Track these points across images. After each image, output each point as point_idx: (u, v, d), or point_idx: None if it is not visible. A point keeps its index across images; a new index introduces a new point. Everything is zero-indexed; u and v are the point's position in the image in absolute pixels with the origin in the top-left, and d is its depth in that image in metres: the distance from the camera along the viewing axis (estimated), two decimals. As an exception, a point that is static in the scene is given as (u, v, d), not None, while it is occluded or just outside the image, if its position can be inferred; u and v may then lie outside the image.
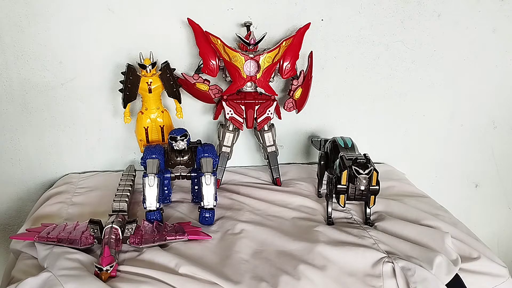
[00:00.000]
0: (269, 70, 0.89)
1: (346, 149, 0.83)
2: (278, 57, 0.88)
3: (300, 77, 0.93)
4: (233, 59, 0.86)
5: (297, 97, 0.95)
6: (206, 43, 0.87)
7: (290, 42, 0.88)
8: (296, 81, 0.94)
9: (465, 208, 1.21)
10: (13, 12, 0.87)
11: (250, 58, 0.87)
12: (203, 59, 0.88)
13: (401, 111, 1.12)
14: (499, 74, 1.13)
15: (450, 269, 0.67)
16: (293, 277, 0.66)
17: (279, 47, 0.88)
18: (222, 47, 0.86)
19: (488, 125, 1.19)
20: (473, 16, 1.05)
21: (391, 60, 1.05)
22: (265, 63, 0.87)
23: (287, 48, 0.89)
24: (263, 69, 0.88)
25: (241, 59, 0.86)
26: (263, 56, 0.87)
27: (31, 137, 0.98)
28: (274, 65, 0.89)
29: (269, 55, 0.87)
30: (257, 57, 0.87)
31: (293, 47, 0.90)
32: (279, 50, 0.88)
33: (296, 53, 0.91)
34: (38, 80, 0.93)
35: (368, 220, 0.82)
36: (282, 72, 0.91)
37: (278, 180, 0.98)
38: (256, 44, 0.87)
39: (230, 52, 0.86)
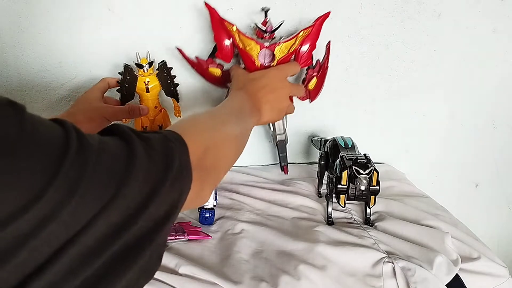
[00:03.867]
0: (284, 61, 0.85)
1: (346, 149, 0.83)
2: (294, 47, 0.85)
3: (315, 67, 0.90)
4: (247, 47, 0.83)
5: (312, 87, 0.92)
6: (222, 28, 0.83)
7: (309, 32, 0.85)
8: (312, 71, 0.90)
9: (465, 208, 1.21)
10: (13, 12, 0.87)
11: (266, 47, 0.83)
12: (217, 43, 0.85)
13: (401, 111, 1.12)
14: (499, 74, 1.13)
15: (450, 269, 0.67)
16: (293, 277, 0.66)
17: (296, 37, 0.84)
18: (237, 34, 0.83)
19: (488, 125, 1.19)
20: (473, 16, 1.05)
21: (391, 60, 1.05)
22: (280, 53, 0.84)
23: (305, 38, 0.86)
24: (278, 59, 0.84)
25: (256, 47, 0.83)
26: (279, 45, 0.84)
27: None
28: (290, 55, 0.85)
29: (285, 44, 0.84)
30: (272, 46, 0.84)
31: (311, 36, 0.86)
32: (295, 40, 0.85)
33: (313, 42, 0.87)
34: (38, 80, 0.93)
35: (368, 220, 0.82)
36: (299, 61, 0.88)
37: (286, 168, 0.98)
38: (272, 32, 0.84)
39: (244, 40, 0.83)
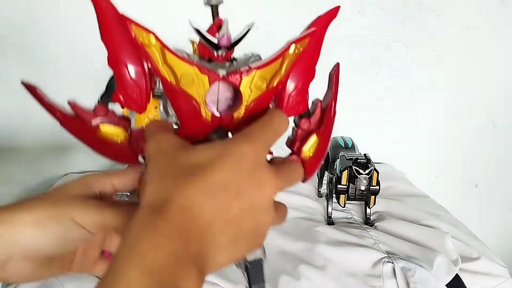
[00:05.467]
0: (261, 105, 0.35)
1: (346, 149, 0.83)
2: (279, 78, 0.34)
3: (314, 113, 0.40)
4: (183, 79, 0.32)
5: (309, 154, 0.39)
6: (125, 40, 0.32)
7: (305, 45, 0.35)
8: (307, 122, 0.39)
9: (465, 208, 1.21)
10: (13, 12, 0.87)
11: (221, 79, 0.33)
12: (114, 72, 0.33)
13: (401, 111, 1.12)
14: (499, 74, 1.13)
15: (450, 269, 0.67)
16: (293, 277, 0.66)
17: (282, 56, 0.34)
18: (160, 53, 0.32)
19: (488, 125, 1.19)
20: (473, 16, 1.05)
21: (391, 60, 1.05)
22: (251, 90, 0.34)
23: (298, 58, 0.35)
24: (248, 103, 0.34)
25: (202, 80, 0.32)
26: (249, 75, 0.33)
27: (31, 137, 0.98)
28: (270, 94, 0.35)
29: (260, 73, 0.33)
30: (234, 77, 0.33)
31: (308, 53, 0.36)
32: (281, 63, 0.34)
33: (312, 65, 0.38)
34: (38, 80, 0.93)
35: (368, 220, 0.82)
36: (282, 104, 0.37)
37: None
38: (232, 47, 0.34)
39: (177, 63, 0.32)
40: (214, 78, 0.32)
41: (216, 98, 0.34)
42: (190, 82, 0.32)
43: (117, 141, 0.36)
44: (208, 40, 0.33)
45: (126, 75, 0.33)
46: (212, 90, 0.33)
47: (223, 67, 0.33)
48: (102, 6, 0.31)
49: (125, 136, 0.35)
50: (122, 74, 0.33)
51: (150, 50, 0.32)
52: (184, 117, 0.33)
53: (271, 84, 0.34)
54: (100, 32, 0.32)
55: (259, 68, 0.33)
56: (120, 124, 0.35)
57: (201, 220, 0.26)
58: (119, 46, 0.32)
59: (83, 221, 0.31)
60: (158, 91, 0.35)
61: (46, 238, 0.31)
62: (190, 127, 0.33)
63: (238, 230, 0.28)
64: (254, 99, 0.34)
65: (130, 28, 0.31)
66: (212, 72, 0.32)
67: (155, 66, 0.32)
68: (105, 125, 0.35)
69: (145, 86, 0.33)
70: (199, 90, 0.32)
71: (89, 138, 0.35)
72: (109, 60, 0.32)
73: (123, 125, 0.35)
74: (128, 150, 0.36)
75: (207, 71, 0.32)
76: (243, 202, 0.28)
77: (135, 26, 0.31)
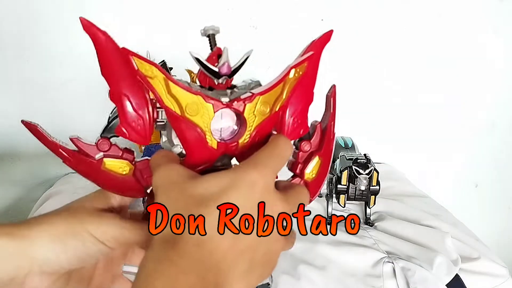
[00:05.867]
0: (265, 130, 0.36)
1: (346, 149, 0.83)
2: (281, 103, 0.36)
3: (315, 134, 0.41)
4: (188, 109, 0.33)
5: (312, 175, 0.41)
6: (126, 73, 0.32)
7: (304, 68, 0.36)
8: (308, 144, 0.41)
9: (465, 208, 1.21)
10: (13, 12, 0.87)
11: (226, 106, 0.33)
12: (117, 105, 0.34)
13: (401, 111, 1.12)
14: (499, 74, 1.13)
15: (450, 269, 0.67)
16: (293, 277, 0.66)
17: (283, 80, 0.34)
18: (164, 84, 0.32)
19: (488, 125, 1.19)
20: (473, 16, 1.05)
21: (391, 60, 1.05)
22: (255, 116, 0.34)
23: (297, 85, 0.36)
24: (252, 128, 0.35)
25: (206, 108, 0.33)
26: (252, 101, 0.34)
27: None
28: (273, 119, 0.36)
29: (264, 98, 0.34)
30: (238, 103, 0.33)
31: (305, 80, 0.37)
32: (283, 87, 0.35)
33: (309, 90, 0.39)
34: (38, 80, 0.94)
35: (368, 220, 0.82)
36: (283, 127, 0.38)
37: None
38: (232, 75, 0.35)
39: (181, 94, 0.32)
40: (218, 106, 0.33)
41: (221, 125, 0.34)
42: (195, 111, 0.32)
43: (122, 174, 0.35)
44: (209, 68, 0.33)
45: (129, 108, 0.33)
46: (216, 118, 0.33)
47: (225, 94, 0.34)
48: (101, 41, 0.31)
49: (130, 169, 0.35)
50: (125, 107, 0.33)
51: (153, 82, 0.31)
52: (190, 146, 0.33)
53: (273, 109, 0.35)
54: (100, 66, 0.31)
55: (262, 93, 0.33)
56: (124, 157, 0.35)
57: (217, 252, 0.26)
58: (120, 80, 0.32)
59: (100, 236, 0.31)
60: (160, 122, 0.35)
61: (64, 253, 0.31)
62: (196, 155, 0.33)
63: (252, 259, 0.28)
64: (258, 124, 0.34)
65: (132, 61, 0.31)
66: (216, 100, 0.32)
67: (159, 97, 0.31)
68: (109, 159, 0.35)
69: (148, 117, 0.33)
70: (204, 119, 0.33)
71: (94, 173, 0.35)
72: (111, 94, 0.32)
73: (127, 157, 0.35)
74: (134, 183, 0.35)
75: (212, 99, 0.32)
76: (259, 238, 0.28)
77: (137, 59, 0.30)
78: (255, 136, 0.35)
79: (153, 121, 0.34)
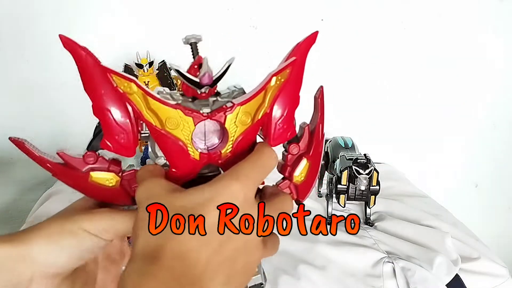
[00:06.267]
0: (248, 139, 0.36)
1: (346, 149, 0.83)
2: (264, 111, 0.35)
3: (303, 136, 0.40)
4: (168, 123, 0.33)
5: (300, 178, 0.41)
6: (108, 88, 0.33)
7: (287, 74, 0.35)
8: (296, 147, 0.40)
9: (465, 208, 1.21)
10: (13, 12, 0.87)
11: (206, 118, 0.34)
12: (100, 120, 0.34)
13: (401, 111, 1.12)
14: (499, 74, 1.13)
15: (450, 269, 0.67)
16: (293, 277, 0.66)
17: (264, 89, 0.34)
18: (143, 100, 0.33)
19: (488, 125, 1.19)
20: (473, 16, 1.05)
21: (391, 60, 1.05)
22: (236, 126, 0.34)
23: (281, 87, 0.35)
24: (234, 138, 0.35)
25: (186, 121, 0.33)
26: (233, 111, 0.34)
27: (30, 137, 0.98)
28: (256, 127, 0.36)
29: (245, 108, 0.34)
30: (219, 114, 0.34)
31: (291, 81, 0.36)
32: (265, 96, 0.35)
33: (296, 92, 0.37)
34: (38, 80, 0.94)
35: (368, 220, 0.82)
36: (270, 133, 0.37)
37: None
38: (214, 84, 0.34)
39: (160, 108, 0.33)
40: (199, 119, 0.33)
41: (203, 135, 0.35)
42: (175, 124, 0.33)
43: (109, 186, 0.36)
44: (190, 79, 0.33)
45: (112, 122, 0.33)
46: (198, 128, 0.34)
47: (207, 105, 0.34)
48: (81, 57, 0.31)
49: (116, 181, 0.36)
50: (108, 121, 0.33)
51: (132, 97, 0.32)
52: (172, 158, 0.34)
53: (256, 118, 0.35)
54: (83, 82, 0.32)
55: (242, 104, 0.34)
56: (111, 169, 0.35)
57: (198, 264, 0.26)
58: (102, 95, 0.32)
59: (93, 229, 0.32)
60: (144, 133, 0.35)
61: (62, 252, 0.31)
62: (180, 166, 0.34)
63: (232, 269, 0.28)
64: (240, 133, 0.35)
65: (110, 78, 0.31)
66: (196, 112, 0.33)
67: (140, 112, 0.32)
68: (95, 172, 0.35)
69: (131, 130, 0.33)
70: (184, 132, 0.33)
71: (81, 185, 0.36)
72: (94, 109, 0.33)
73: (114, 170, 0.36)
74: (122, 193, 0.36)
75: (191, 112, 0.33)
76: (236, 242, 0.29)
77: (116, 76, 0.31)
78: (238, 145, 0.35)
79: (137, 133, 0.34)
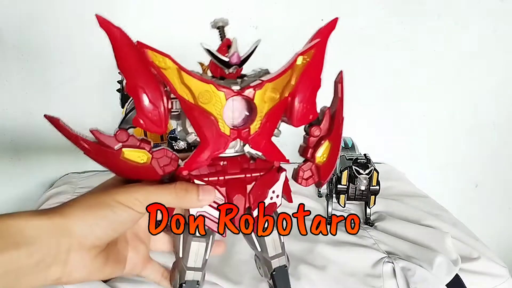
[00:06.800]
0: (275, 116, 0.38)
1: (346, 149, 0.83)
2: (290, 88, 0.37)
3: (324, 119, 0.43)
4: (200, 98, 0.35)
5: (322, 160, 0.43)
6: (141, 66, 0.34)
7: (311, 54, 0.37)
8: (318, 129, 0.42)
9: (465, 208, 1.21)
10: (13, 12, 0.87)
11: (237, 94, 0.35)
12: (134, 97, 0.35)
13: (401, 111, 1.12)
14: (499, 74, 1.13)
15: (450, 269, 0.67)
16: (293, 277, 0.66)
17: (291, 67, 0.36)
18: (177, 74, 0.34)
19: (488, 125, 1.19)
20: (473, 16, 1.05)
21: (391, 60, 1.05)
22: (265, 101, 0.36)
23: (305, 71, 0.38)
24: (263, 115, 0.37)
25: (219, 96, 0.35)
26: (262, 88, 0.36)
27: (31, 136, 0.98)
28: (284, 104, 0.38)
29: (273, 85, 0.36)
30: (248, 90, 0.35)
31: (313, 66, 0.38)
32: (292, 74, 0.37)
33: (317, 76, 0.40)
34: (38, 80, 0.93)
35: (368, 220, 0.82)
36: (293, 114, 0.39)
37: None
38: (242, 64, 0.36)
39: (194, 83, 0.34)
40: (230, 94, 0.35)
41: (233, 112, 0.36)
42: (208, 99, 0.34)
43: (140, 162, 0.37)
44: (220, 59, 0.35)
45: (145, 99, 0.34)
46: (228, 105, 0.35)
47: (236, 83, 0.36)
48: (116, 36, 0.32)
49: (148, 157, 0.37)
50: (141, 99, 0.34)
51: (167, 73, 0.33)
52: (204, 133, 0.36)
53: (283, 95, 0.37)
54: (117, 61, 0.33)
55: (270, 80, 0.35)
56: (141, 146, 0.37)
57: None
58: (136, 73, 0.34)
59: (128, 201, 0.34)
60: (175, 111, 0.36)
61: (98, 224, 0.33)
62: (210, 142, 0.36)
63: None
64: (268, 111, 0.37)
65: (146, 53, 0.32)
66: (227, 88, 0.35)
67: (173, 87, 0.34)
68: (127, 149, 0.36)
69: (163, 108, 0.35)
70: (216, 106, 0.35)
71: (113, 162, 0.36)
72: (127, 87, 0.34)
73: (144, 147, 0.37)
74: (152, 170, 0.37)
75: (223, 87, 0.34)
76: None
77: (151, 51, 0.32)
78: (266, 122, 0.37)
79: (168, 112, 0.35)
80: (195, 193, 0.35)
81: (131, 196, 0.34)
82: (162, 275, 0.42)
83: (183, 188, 0.35)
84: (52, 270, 0.31)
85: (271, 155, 0.40)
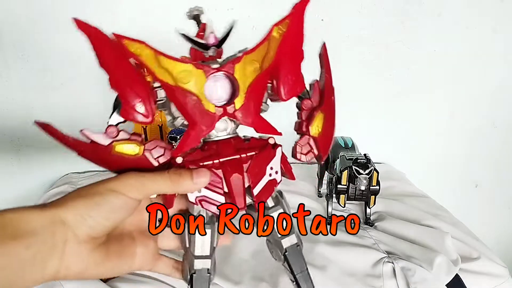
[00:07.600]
0: (259, 87, 0.38)
1: (346, 149, 0.83)
2: (270, 59, 0.38)
3: (314, 92, 0.42)
4: (179, 78, 0.35)
5: (317, 131, 0.42)
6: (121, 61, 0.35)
7: (287, 27, 0.39)
8: (309, 101, 0.42)
9: (465, 208, 1.21)
10: (13, 12, 0.87)
11: (216, 70, 0.36)
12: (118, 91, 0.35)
13: (401, 111, 1.12)
14: (499, 74, 1.13)
15: (450, 269, 0.67)
16: (293, 277, 0.66)
17: (267, 39, 0.38)
18: (155, 59, 0.35)
19: (488, 125, 1.19)
20: (473, 16, 1.05)
21: (391, 60, 1.05)
22: (246, 75, 0.36)
23: (283, 41, 0.38)
24: (245, 88, 0.37)
25: (198, 75, 0.35)
26: (240, 61, 0.36)
27: (31, 136, 0.98)
28: (266, 76, 0.38)
29: (251, 57, 0.37)
30: (228, 65, 0.36)
31: (291, 37, 0.39)
32: (269, 45, 0.38)
33: (297, 48, 0.40)
34: (38, 80, 0.93)
35: (368, 220, 0.82)
36: (280, 87, 0.39)
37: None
38: (220, 45, 0.37)
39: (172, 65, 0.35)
40: (209, 71, 0.35)
41: (214, 88, 0.36)
42: (187, 78, 0.35)
43: (133, 155, 0.37)
44: (197, 42, 0.36)
45: (129, 91, 0.35)
46: (209, 83, 0.36)
47: (216, 63, 0.36)
48: (94, 34, 0.33)
49: (140, 149, 0.37)
50: (125, 91, 0.35)
51: (144, 59, 0.34)
52: (189, 114, 0.35)
53: (263, 66, 0.37)
54: (98, 58, 0.34)
55: (248, 53, 0.36)
56: (132, 138, 0.37)
57: None
58: (116, 68, 0.34)
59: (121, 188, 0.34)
60: (160, 101, 0.37)
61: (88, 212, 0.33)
62: (197, 121, 0.35)
63: None
64: (251, 83, 0.37)
65: (122, 43, 0.34)
66: (206, 66, 0.35)
67: (152, 72, 0.34)
68: (119, 143, 0.36)
69: (148, 98, 0.35)
70: (197, 85, 0.35)
71: (106, 159, 0.37)
72: (110, 82, 0.34)
73: (135, 139, 0.37)
74: (145, 161, 0.37)
75: (202, 66, 0.35)
76: None
77: (127, 40, 0.34)
78: (250, 95, 0.37)
79: (154, 101, 0.36)
80: (189, 176, 0.35)
81: (123, 183, 0.34)
82: (173, 267, 0.42)
83: (177, 173, 0.35)
84: (49, 263, 0.31)
85: (262, 128, 0.39)
